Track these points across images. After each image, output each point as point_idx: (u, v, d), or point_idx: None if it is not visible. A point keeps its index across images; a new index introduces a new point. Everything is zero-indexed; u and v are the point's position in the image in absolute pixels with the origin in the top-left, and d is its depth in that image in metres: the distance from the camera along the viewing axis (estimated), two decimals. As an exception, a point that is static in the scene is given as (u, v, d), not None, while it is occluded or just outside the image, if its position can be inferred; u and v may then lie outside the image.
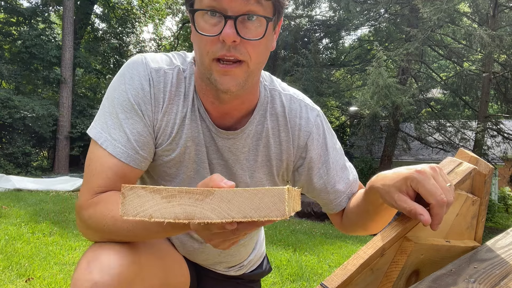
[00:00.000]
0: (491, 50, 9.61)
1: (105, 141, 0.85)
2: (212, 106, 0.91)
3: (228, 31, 0.75)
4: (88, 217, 0.82)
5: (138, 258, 0.82)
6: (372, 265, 0.73)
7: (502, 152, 12.48)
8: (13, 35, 14.77)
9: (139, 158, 0.87)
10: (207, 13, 0.78)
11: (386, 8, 12.91)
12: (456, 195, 0.82)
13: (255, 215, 0.55)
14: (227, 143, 0.94)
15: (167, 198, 0.56)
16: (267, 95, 0.98)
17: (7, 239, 3.67)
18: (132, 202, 0.56)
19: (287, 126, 0.98)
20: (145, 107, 0.88)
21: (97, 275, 0.73)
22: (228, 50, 0.78)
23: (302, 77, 11.96)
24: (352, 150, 16.54)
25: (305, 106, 1.01)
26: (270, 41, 0.87)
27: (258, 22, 0.79)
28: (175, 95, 0.91)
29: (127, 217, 0.56)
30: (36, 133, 13.23)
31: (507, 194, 15.81)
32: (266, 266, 1.33)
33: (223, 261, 1.15)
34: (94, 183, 0.83)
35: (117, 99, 0.87)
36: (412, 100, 10.41)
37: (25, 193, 7.34)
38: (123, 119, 0.86)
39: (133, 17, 18.98)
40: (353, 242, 6.12)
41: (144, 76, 0.88)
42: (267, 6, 0.79)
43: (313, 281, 3.42)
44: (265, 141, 0.97)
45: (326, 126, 1.05)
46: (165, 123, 0.91)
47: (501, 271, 0.73)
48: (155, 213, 0.56)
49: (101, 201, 0.81)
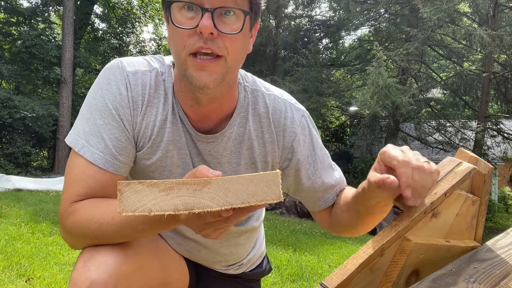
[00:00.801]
0: (491, 50, 9.61)
1: (82, 148, 0.84)
2: (191, 109, 0.91)
3: (205, 23, 0.75)
4: (70, 226, 0.81)
5: (135, 253, 0.82)
6: (372, 265, 0.73)
7: (502, 152, 12.48)
8: (13, 35, 14.77)
9: (118, 163, 0.86)
10: (184, 7, 0.78)
11: (386, 8, 12.91)
12: (456, 195, 0.82)
13: (252, 200, 0.56)
14: (207, 146, 0.94)
15: (165, 191, 0.56)
16: (247, 96, 0.96)
17: (7, 239, 3.67)
18: (129, 198, 0.56)
19: (271, 127, 0.97)
20: (123, 111, 0.87)
21: (95, 273, 0.73)
22: (205, 43, 0.77)
23: (302, 77, 11.96)
24: (352, 150, 16.54)
25: (289, 106, 0.99)
26: (246, 40, 0.85)
27: (236, 17, 0.79)
28: (154, 97, 0.90)
29: (126, 213, 0.56)
30: (36, 133, 13.23)
31: (507, 194, 15.81)
32: (266, 266, 1.33)
33: (221, 260, 1.14)
34: (72, 191, 0.83)
35: (94, 105, 0.86)
36: (412, 100, 10.42)
37: (25, 193, 7.34)
38: (101, 125, 0.85)
39: (133, 17, 18.99)
40: (353, 242, 6.12)
41: (121, 80, 0.87)
42: (244, 3, 0.80)
43: (313, 281, 3.42)
44: (248, 143, 0.96)
45: (312, 126, 1.03)
46: (145, 125, 0.90)
47: (501, 271, 0.73)
48: (154, 207, 0.56)
49: (79, 208, 0.81)
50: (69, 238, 0.84)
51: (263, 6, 0.86)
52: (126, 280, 0.77)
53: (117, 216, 0.76)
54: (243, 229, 1.10)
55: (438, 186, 0.79)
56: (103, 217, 0.77)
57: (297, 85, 11.52)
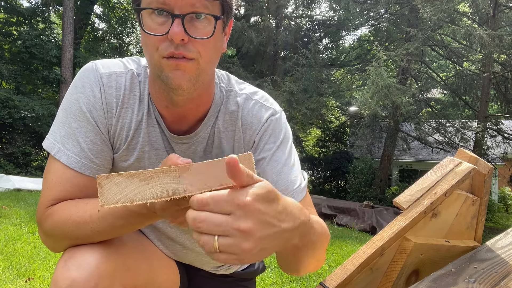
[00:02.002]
0: (491, 50, 9.61)
1: (58, 152, 0.85)
2: (167, 110, 0.90)
3: (176, 30, 0.74)
4: (50, 228, 0.82)
5: (117, 252, 0.82)
6: (372, 265, 0.73)
7: (502, 152, 12.49)
8: (13, 35, 14.77)
9: (94, 166, 0.86)
10: (154, 12, 0.77)
11: (386, 8, 12.91)
12: (456, 195, 0.82)
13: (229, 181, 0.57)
14: (182, 147, 0.94)
15: (145, 181, 0.57)
16: (222, 96, 0.96)
17: (7, 239, 3.67)
18: (110, 190, 0.57)
19: (238, 124, 0.96)
20: (97, 114, 0.87)
21: (75, 272, 0.73)
22: (177, 48, 0.76)
23: (302, 77, 11.95)
24: (352, 150, 16.56)
25: (259, 106, 0.97)
26: (220, 41, 0.85)
27: (207, 21, 0.78)
28: (129, 99, 0.90)
29: (108, 205, 0.57)
30: (36, 133, 13.23)
31: (507, 194, 15.80)
32: (259, 265, 1.32)
33: (210, 261, 1.14)
34: (50, 195, 0.83)
35: (69, 108, 0.87)
36: (412, 100, 10.42)
37: (25, 193, 7.34)
38: (76, 128, 0.85)
39: (133, 17, 18.96)
40: (353, 242, 6.12)
41: (95, 83, 0.88)
42: (214, 6, 0.79)
43: (313, 281, 3.42)
44: (217, 142, 0.96)
45: (282, 126, 0.97)
46: (120, 127, 0.90)
47: (501, 271, 0.73)
48: (136, 197, 0.57)
49: (57, 209, 0.81)
50: (50, 241, 0.85)
51: (235, 6, 0.85)
52: (108, 278, 0.76)
53: (95, 213, 0.76)
54: None
55: (438, 186, 0.79)
56: (81, 216, 0.77)
57: (297, 85, 11.52)
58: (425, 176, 0.85)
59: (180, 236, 1.05)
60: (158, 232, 1.06)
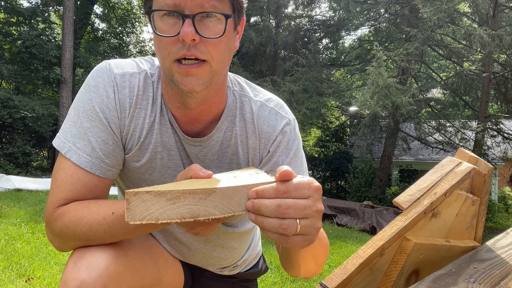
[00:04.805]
0: (491, 50, 9.61)
1: (69, 151, 0.84)
2: (179, 111, 0.90)
3: (187, 30, 0.74)
4: (60, 229, 0.81)
5: (126, 253, 0.82)
6: (372, 265, 0.73)
7: (502, 152, 12.49)
8: (13, 35, 14.77)
9: (105, 166, 0.86)
10: (165, 14, 0.77)
11: (386, 8, 12.92)
12: (456, 195, 0.82)
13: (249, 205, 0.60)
14: (194, 149, 0.93)
15: (172, 200, 0.58)
16: (235, 100, 0.96)
17: (7, 239, 3.67)
18: (137, 207, 0.57)
19: (255, 133, 0.96)
20: (110, 114, 0.87)
21: (85, 273, 0.73)
22: (188, 50, 0.76)
23: (302, 77, 11.96)
24: (352, 150, 16.54)
25: (274, 114, 0.98)
26: (231, 40, 0.85)
27: (217, 20, 0.78)
28: (142, 99, 0.90)
29: (134, 222, 0.57)
30: (36, 133, 13.23)
31: (507, 194, 15.80)
32: (262, 265, 1.33)
33: (215, 263, 1.14)
34: (60, 195, 0.83)
35: (82, 108, 0.86)
36: (412, 100, 10.42)
37: (25, 193, 7.34)
38: (88, 127, 0.85)
39: (133, 17, 18.97)
40: (353, 242, 6.12)
41: (108, 83, 0.87)
42: (224, 5, 0.78)
43: (313, 281, 3.42)
44: (233, 148, 0.96)
45: (295, 135, 1.00)
46: (133, 128, 0.89)
47: (501, 271, 0.73)
48: (161, 216, 0.57)
49: (68, 210, 0.81)
50: (57, 241, 0.84)
51: (245, 4, 0.85)
52: (116, 280, 0.76)
53: (109, 216, 0.76)
54: (237, 232, 1.10)
55: (438, 186, 0.79)
56: (94, 218, 0.77)
57: (297, 85, 11.52)
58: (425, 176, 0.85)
59: (187, 237, 1.05)
60: (166, 233, 1.06)
